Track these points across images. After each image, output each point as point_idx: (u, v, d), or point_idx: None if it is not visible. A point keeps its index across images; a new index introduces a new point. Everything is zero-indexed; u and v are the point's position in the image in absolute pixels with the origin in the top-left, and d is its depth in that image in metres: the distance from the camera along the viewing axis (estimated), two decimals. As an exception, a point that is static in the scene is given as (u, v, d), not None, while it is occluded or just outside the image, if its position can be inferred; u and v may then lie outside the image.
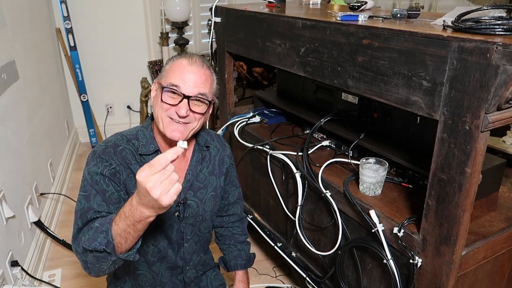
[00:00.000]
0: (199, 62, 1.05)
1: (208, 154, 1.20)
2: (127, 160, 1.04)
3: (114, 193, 1.01)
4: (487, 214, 1.18)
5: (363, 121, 1.48)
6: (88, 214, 0.96)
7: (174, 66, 1.04)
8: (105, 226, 0.87)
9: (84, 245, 0.88)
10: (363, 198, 1.24)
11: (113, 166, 1.01)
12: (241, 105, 2.50)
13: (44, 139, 2.41)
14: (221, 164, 1.23)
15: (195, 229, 1.19)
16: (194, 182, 1.15)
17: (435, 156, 0.96)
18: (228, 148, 1.29)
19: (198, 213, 1.17)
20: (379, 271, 1.23)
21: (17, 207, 1.78)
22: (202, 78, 1.04)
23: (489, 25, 0.86)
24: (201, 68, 1.04)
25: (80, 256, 0.93)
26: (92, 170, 1.00)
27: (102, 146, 1.05)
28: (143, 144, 1.07)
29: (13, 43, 2.00)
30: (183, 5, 3.03)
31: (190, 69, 1.02)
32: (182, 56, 1.06)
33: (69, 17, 3.04)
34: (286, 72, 1.52)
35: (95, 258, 0.89)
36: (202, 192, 1.17)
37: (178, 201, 1.12)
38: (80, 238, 0.93)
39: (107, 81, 3.36)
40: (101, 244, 0.86)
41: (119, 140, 1.07)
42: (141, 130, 1.10)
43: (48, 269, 2.00)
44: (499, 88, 0.81)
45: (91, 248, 0.87)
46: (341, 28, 1.16)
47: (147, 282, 1.18)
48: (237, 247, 1.37)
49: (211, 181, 1.20)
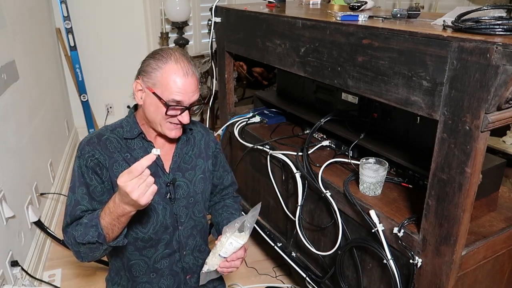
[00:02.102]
0: (190, 69, 1.06)
1: (193, 138, 1.25)
2: (111, 148, 1.11)
3: (97, 186, 1.09)
4: (487, 214, 1.18)
5: (363, 121, 1.48)
6: (76, 212, 1.07)
7: (171, 78, 1.04)
8: (93, 221, 1.01)
9: (78, 239, 1.01)
10: (363, 198, 1.24)
11: (96, 156, 1.09)
12: (241, 105, 2.50)
13: (44, 139, 2.41)
14: (206, 147, 1.27)
15: (189, 212, 1.21)
16: (181, 164, 1.19)
17: (435, 156, 0.96)
18: (212, 134, 1.33)
19: (189, 194, 1.20)
20: (379, 271, 1.23)
21: (17, 207, 1.78)
22: (196, 83, 1.09)
23: (489, 25, 0.86)
24: (193, 73, 1.08)
25: (72, 247, 1.06)
26: (77, 164, 1.09)
27: (87, 138, 1.13)
28: (128, 130, 1.14)
29: (13, 43, 2.00)
30: (183, 5, 3.03)
31: (188, 81, 1.06)
32: (171, 60, 1.05)
33: (69, 17, 3.04)
34: (286, 72, 1.52)
35: (88, 249, 1.03)
36: (190, 173, 1.21)
37: (167, 182, 1.15)
38: (70, 232, 1.05)
39: (107, 81, 3.36)
40: (93, 237, 1.00)
41: (103, 130, 1.15)
42: (125, 120, 1.18)
43: (48, 269, 2.00)
44: (499, 88, 0.81)
45: (85, 241, 1.01)
46: (341, 28, 1.16)
47: (141, 270, 1.19)
48: (229, 211, 1.34)
49: (199, 163, 1.24)
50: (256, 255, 2.08)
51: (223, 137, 2.06)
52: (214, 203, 1.38)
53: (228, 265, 1.13)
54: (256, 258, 2.07)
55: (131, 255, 1.18)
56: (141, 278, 1.20)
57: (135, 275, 1.20)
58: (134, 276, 1.20)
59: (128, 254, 1.18)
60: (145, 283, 1.21)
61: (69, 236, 1.06)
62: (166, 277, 1.22)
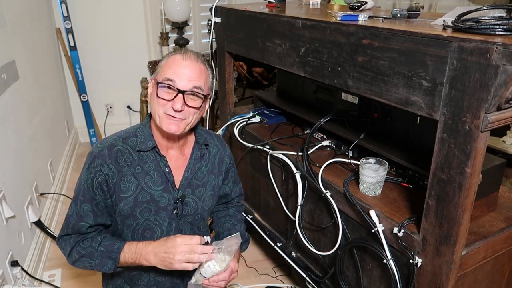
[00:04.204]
0: (193, 56, 1.07)
1: (208, 152, 1.21)
2: (121, 162, 1.08)
3: (101, 201, 1.09)
4: (487, 214, 1.18)
5: (363, 121, 1.48)
6: (80, 228, 1.09)
7: (169, 62, 1.06)
8: (113, 254, 1.06)
9: (94, 266, 1.07)
10: (363, 198, 1.24)
11: (104, 172, 1.06)
12: (241, 105, 2.50)
13: (44, 139, 2.41)
14: (220, 163, 1.24)
15: (194, 227, 1.20)
16: (193, 180, 1.17)
17: (435, 156, 0.96)
18: (228, 148, 1.30)
19: (197, 211, 1.18)
20: (379, 271, 1.23)
21: (17, 207, 1.78)
22: (196, 72, 1.05)
23: (489, 25, 0.86)
24: (196, 62, 1.06)
25: (67, 254, 1.10)
26: (85, 176, 1.07)
27: (98, 148, 1.09)
28: (141, 141, 1.10)
29: (13, 43, 2.00)
30: (183, 5, 3.03)
31: (184, 64, 1.04)
32: (176, 52, 1.08)
33: (69, 17, 3.04)
34: (286, 72, 1.52)
35: (89, 264, 1.08)
36: (200, 190, 1.18)
37: (176, 198, 1.13)
38: (70, 243, 1.10)
39: (107, 81, 3.36)
40: (110, 269, 1.07)
41: (115, 140, 1.10)
42: (140, 128, 1.13)
43: (48, 269, 2.00)
44: (499, 88, 0.81)
45: (100, 270, 1.07)
46: (341, 28, 1.16)
47: (142, 281, 1.19)
48: (231, 221, 1.33)
49: (210, 180, 1.21)
50: (256, 255, 2.08)
51: (223, 137, 2.06)
52: (217, 210, 1.36)
53: (212, 285, 1.10)
54: (256, 258, 2.07)
55: (134, 267, 1.16)
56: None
57: (136, 284, 1.19)
58: (135, 285, 1.19)
59: None
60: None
61: (66, 245, 1.10)
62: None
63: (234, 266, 1.12)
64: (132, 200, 1.09)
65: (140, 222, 1.11)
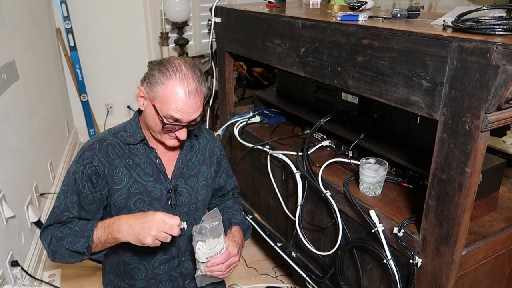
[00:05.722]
0: (193, 86, 1.02)
1: (198, 143, 1.23)
2: (112, 155, 1.10)
3: (89, 194, 1.08)
4: (487, 214, 1.18)
5: (363, 121, 1.48)
6: (62, 217, 1.07)
7: (171, 94, 1.01)
8: (86, 232, 1.03)
9: (67, 246, 1.03)
10: (363, 198, 1.24)
11: (94, 164, 1.07)
12: (241, 105, 2.50)
13: (44, 139, 2.41)
14: (211, 154, 1.26)
15: (190, 218, 1.20)
16: (184, 170, 1.19)
17: (435, 156, 0.96)
18: (217, 140, 1.32)
19: (191, 201, 1.19)
20: (379, 271, 1.23)
21: (17, 207, 1.78)
22: (198, 102, 1.04)
23: (489, 25, 0.86)
24: (196, 93, 1.03)
25: (49, 246, 1.06)
26: (73, 168, 1.08)
27: (89, 142, 1.11)
28: (131, 135, 1.13)
29: (13, 43, 2.00)
30: (183, 5, 3.03)
31: (189, 103, 1.02)
32: (173, 76, 1.01)
33: (69, 17, 3.04)
34: (286, 72, 1.52)
35: (69, 254, 1.04)
36: (193, 180, 1.20)
37: (169, 188, 1.14)
38: (51, 231, 1.06)
39: (107, 81, 3.36)
40: (83, 247, 1.02)
41: (106, 134, 1.13)
42: (129, 123, 1.16)
43: (48, 269, 2.00)
44: (499, 88, 0.81)
45: (73, 249, 1.02)
46: (341, 28, 1.16)
47: (140, 275, 1.19)
48: (230, 212, 1.31)
49: (202, 170, 1.23)
50: (256, 255, 2.09)
51: (223, 137, 2.06)
52: (215, 205, 1.37)
53: (212, 270, 1.08)
54: (256, 258, 2.07)
55: (130, 260, 1.18)
56: (140, 283, 1.20)
57: (134, 278, 1.19)
58: (133, 280, 1.20)
59: (127, 259, 1.18)
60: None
61: (48, 234, 1.07)
62: (165, 283, 1.22)
63: (232, 250, 1.10)
64: (126, 192, 1.10)
65: (134, 213, 1.11)
